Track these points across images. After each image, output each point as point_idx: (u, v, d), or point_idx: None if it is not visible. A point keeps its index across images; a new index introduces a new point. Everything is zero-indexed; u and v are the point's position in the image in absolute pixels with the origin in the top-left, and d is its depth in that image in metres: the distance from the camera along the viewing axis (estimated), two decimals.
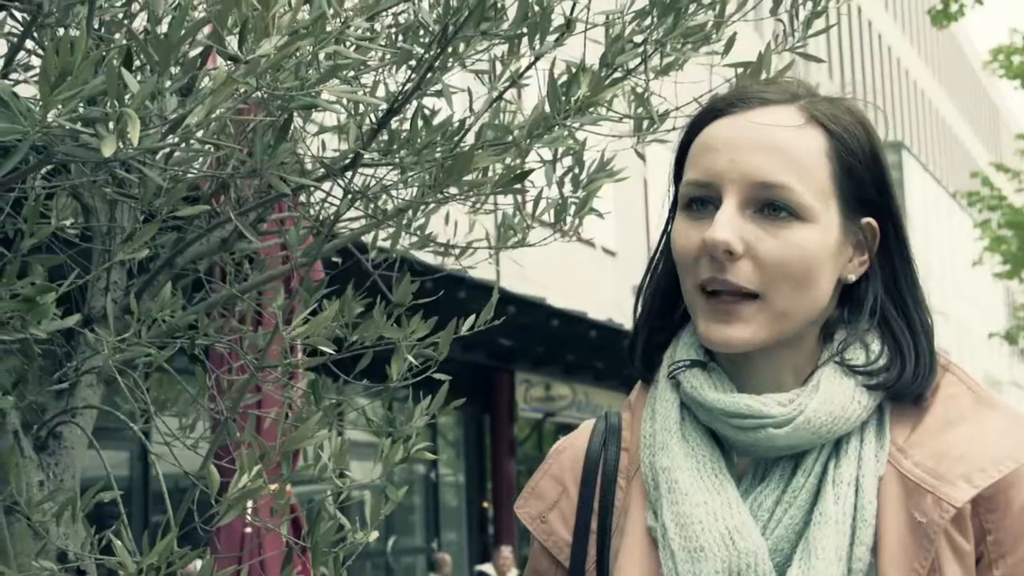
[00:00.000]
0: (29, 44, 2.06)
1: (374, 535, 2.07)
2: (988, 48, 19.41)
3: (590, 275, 17.97)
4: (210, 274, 2.58)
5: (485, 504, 17.06)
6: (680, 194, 1.47)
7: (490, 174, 1.98)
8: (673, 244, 1.46)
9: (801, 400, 1.39)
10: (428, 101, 2.12)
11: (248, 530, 5.12)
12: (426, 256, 2.71)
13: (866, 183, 1.45)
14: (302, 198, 2.60)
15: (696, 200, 1.43)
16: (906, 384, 1.42)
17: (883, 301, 1.46)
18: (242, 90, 1.48)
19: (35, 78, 1.80)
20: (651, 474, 1.45)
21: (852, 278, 1.46)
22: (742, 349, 1.41)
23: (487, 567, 14.39)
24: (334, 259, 2.43)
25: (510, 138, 1.85)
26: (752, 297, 1.39)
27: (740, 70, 2.01)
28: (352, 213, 2.40)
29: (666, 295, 1.53)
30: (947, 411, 1.42)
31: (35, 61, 2.10)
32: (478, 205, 2.33)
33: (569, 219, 2.18)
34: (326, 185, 2.30)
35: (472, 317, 2.24)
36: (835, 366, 1.42)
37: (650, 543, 1.43)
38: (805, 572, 1.34)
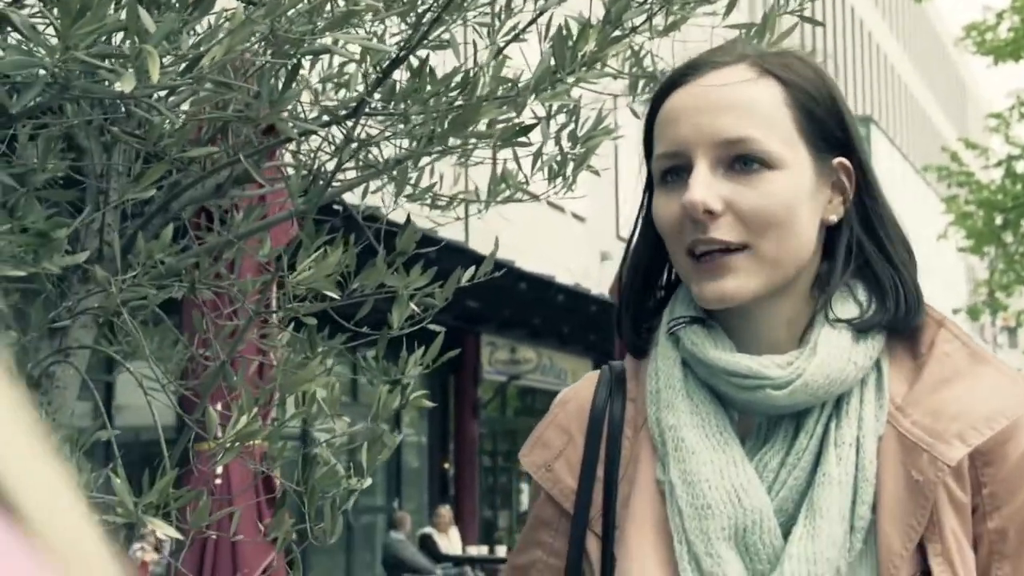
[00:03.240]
0: None
1: (368, 482, 2.08)
2: (959, 25, 19.47)
3: (559, 240, 17.98)
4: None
5: (447, 465, 17.10)
6: (653, 170, 1.51)
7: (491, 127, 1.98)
8: (656, 218, 1.49)
9: (799, 364, 1.41)
10: (427, 54, 2.12)
11: (218, 481, 5.12)
12: (413, 209, 2.72)
13: (828, 123, 1.48)
14: (292, 146, 2.59)
15: (669, 171, 1.47)
16: (898, 320, 1.45)
17: (862, 240, 1.49)
18: (258, 33, 1.48)
19: (39, 16, 1.79)
20: (657, 430, 1.47)
21: (834, 219, 1.49)
22: (738, 301, 1.43)
23: (429, 528, 14.50)
24: (335, 206, 2.43)
25: (515, 91, 1.86)
26: (740, 249, 1.42)
27: (744, 32, 2.02)
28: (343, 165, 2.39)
29: (649, 267, 1.57)
30: (943, 368, 1.44)
31: None
32: (464, 159, 2.34)
33: (569, 172, 2.19)
34: (322, 133, 2.29)
35: (472, 268, 2.25)
36: (830, 325, 1.45)
37: (658, 495, 1.45)
38: (811, 532, 1.37)
